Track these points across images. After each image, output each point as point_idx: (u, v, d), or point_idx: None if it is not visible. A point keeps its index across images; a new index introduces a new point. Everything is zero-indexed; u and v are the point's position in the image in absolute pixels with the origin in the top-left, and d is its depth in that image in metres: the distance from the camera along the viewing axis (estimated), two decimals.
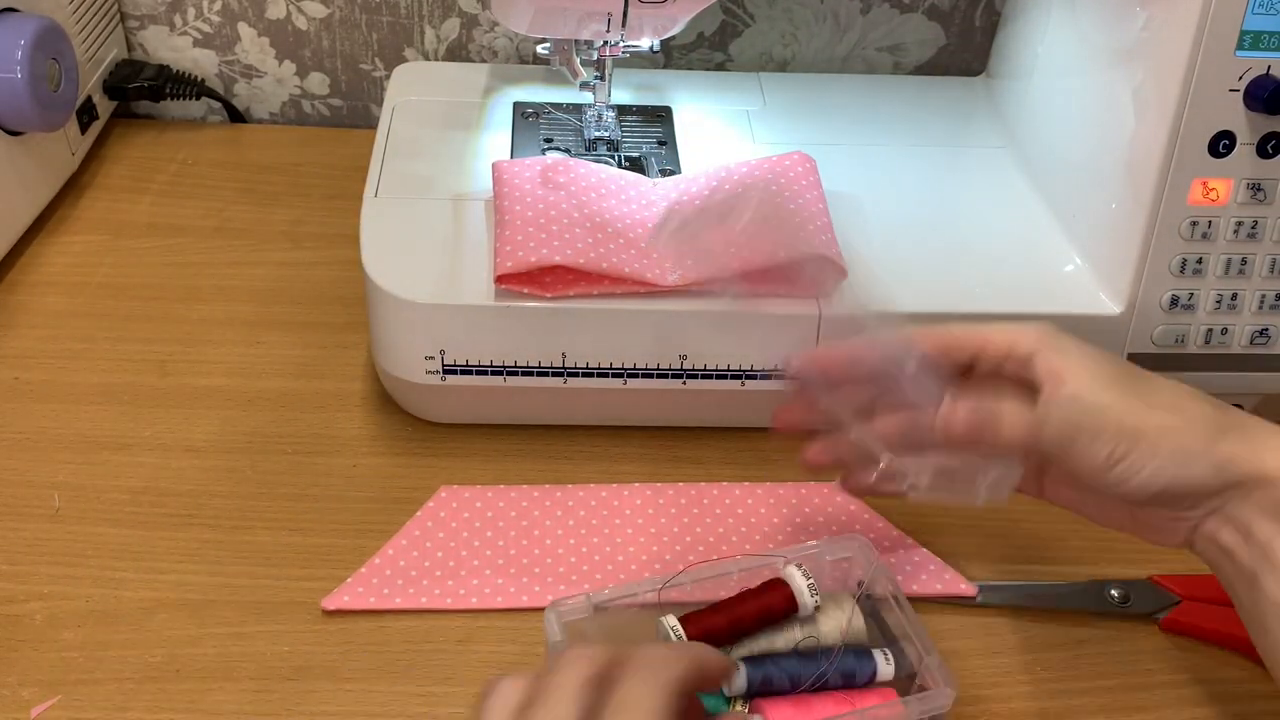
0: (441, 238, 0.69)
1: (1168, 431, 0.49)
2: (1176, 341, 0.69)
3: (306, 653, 0.60)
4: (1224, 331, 0.69)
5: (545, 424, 0.72)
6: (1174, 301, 0.68)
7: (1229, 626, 0.62)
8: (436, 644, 0.61)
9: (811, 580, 0.55)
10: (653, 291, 0.66)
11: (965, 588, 0.64)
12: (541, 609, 0.62)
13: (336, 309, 0.80)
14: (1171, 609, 0.63)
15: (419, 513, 0.66)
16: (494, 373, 0.67)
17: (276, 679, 0.58)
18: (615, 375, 0.68)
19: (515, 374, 0.67)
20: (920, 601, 0.64)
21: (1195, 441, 0.49)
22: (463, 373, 0.67)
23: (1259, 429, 0.50)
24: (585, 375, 0.68)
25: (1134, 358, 0.69)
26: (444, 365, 0.67)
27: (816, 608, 0.56)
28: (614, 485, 0.69)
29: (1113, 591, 0.64)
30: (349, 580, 0.62)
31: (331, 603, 0.61)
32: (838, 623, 0.56)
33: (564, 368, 0.67)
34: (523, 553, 0.65)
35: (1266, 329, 0.69)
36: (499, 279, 0.64)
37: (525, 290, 0.65)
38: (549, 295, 0.65)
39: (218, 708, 0.57)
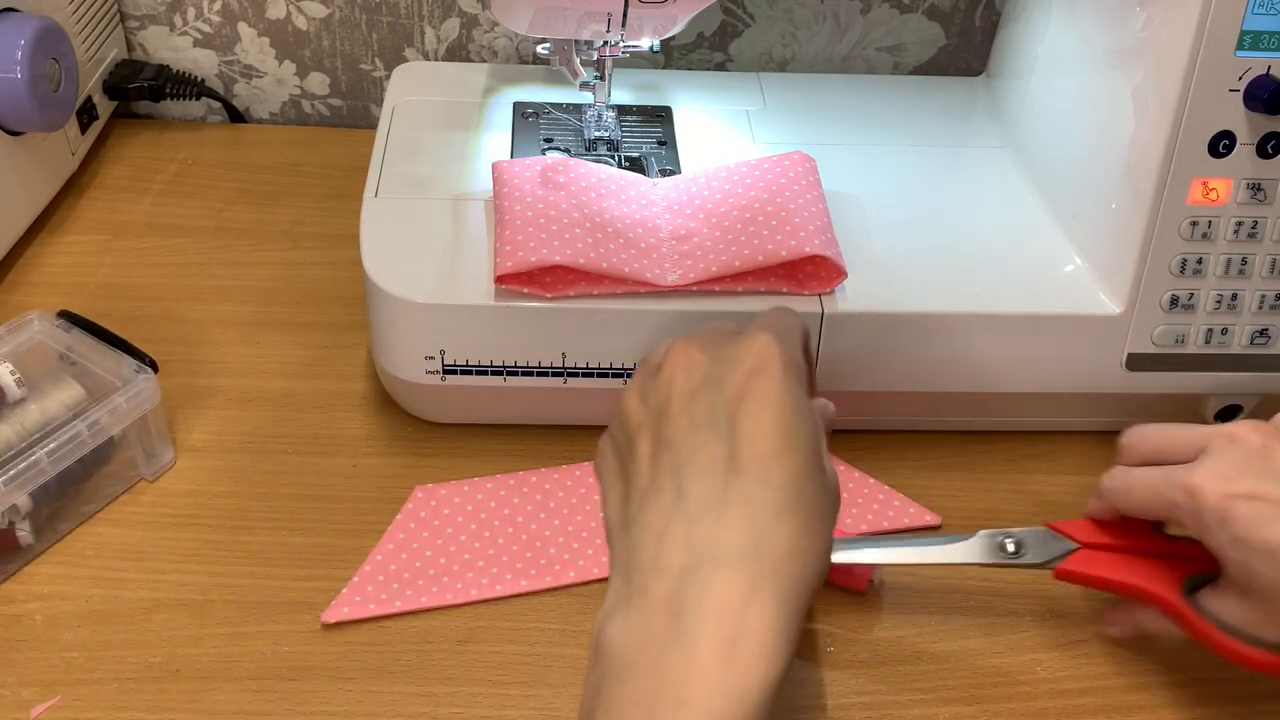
0: (441, 238, 0.69)
1: None
2: (1176, 341, 0.69)
3: (306, 653, 0.60)
4: (1224, 331, 0.69)
5: (545, 424, 0.72)
6: (1174, 301, 0.68)
7: (1125, 575, 0.58)
8: (436, 644, 0.61)
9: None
10: (653, 291, 0.66)
11: (930, 518, 0.68)
12: (542, 592, 0.63)
13: (336, 309, 0.80)
14: (1068, 557, 0.59)
15: (399, 516, 0.66)
16: (494, 373, 0.67)
17: (276, 679, 0.58)
18: (615, 375, 0.68)
19: (515, 374, 0.67)
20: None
21: None
22: (463, 373, 0.67)
23: None
24: (585, 375, 0.68)
25: (1134, 357, 0.69)
26: (444, 365, 0.67)
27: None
28: (586, 464, 0.70)
29: (1007, 542, 0.60)
30: (344, 591, 0.62)
31: (332, 615, 0.61)
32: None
33: (564, 368, 0.67)
34: (511, 540, 0.65)
35: (1266, 329, 0.69)
36: (499, 279, 0.64)
37: (525, 290, 0.65)
38: (549, 295, 0.65)
39: (218, 708, 0.57)
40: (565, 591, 0.63)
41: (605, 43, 0.73)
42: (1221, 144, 0.65)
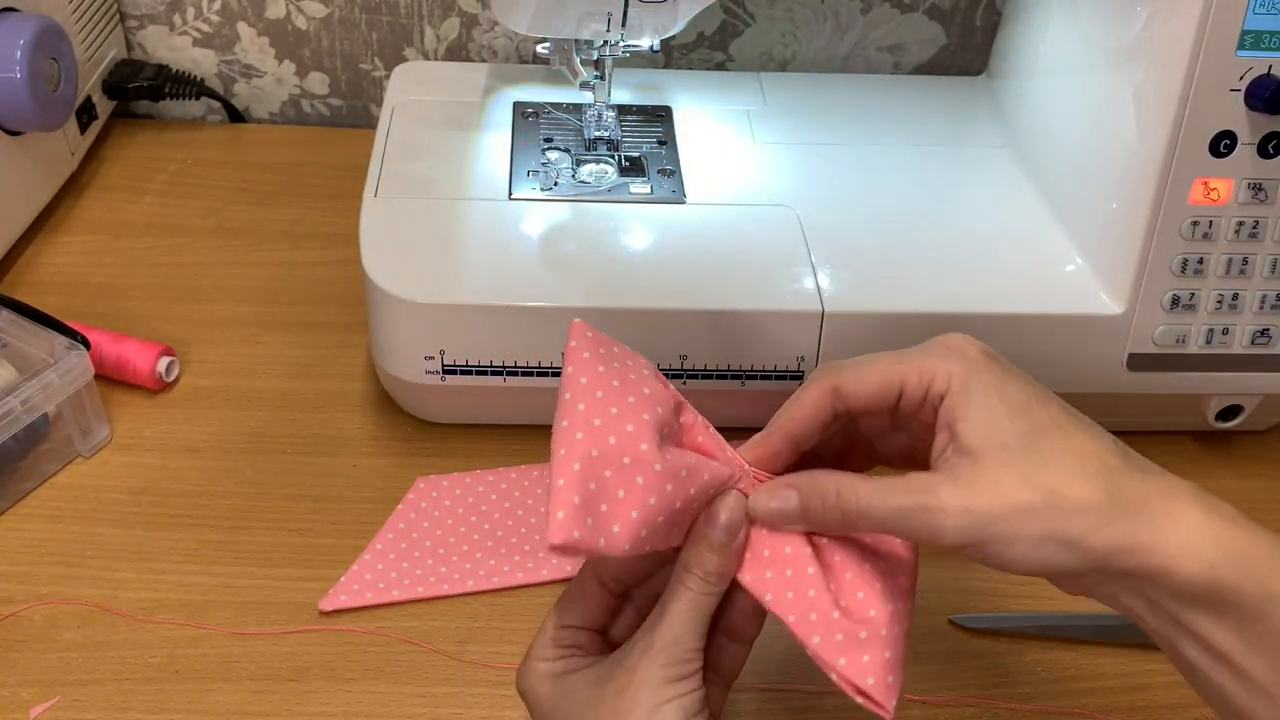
0: (441, 238, 0.69)
1: (1034, 514, 0.42)
2: (1177, 341, 0.69)
3: (306, 653, 0.60)
4: (1225, 331, 0.69)
5: (546, 424, 0.72)
6: (1175, 301, 0.68)
7: None
8: (436, 644, 0.60)
9: None
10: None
11: None
12: (538, 584, 0.63)
13: (336, 309, 0.80)
14: None
15: (400, 506, 0.67)
16: (494, 373, 0.67)
17: (276, 679, 0.58)
18: None
19: (515, 374, 0.67)
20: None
21: (1071, 529, 0.42)
22: (463, 373, 0.67)
23: (1160, 506, 0.43)
24: None
25: (1135, 357, 0.69)
26: (444, 365, 0.67)
27: None
28: None
29: None
30: (342, 580, 0.62)
31: (329, 603, 0.61)
32: None
33: None
34: (510, 532, 0.66)
35: (1267, 329, 0.69)
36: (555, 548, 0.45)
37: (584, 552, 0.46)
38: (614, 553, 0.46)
39: (217, 708, 0.57)
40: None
41: (605, 42, 0.73)
42: (1222, 144, 0.65)
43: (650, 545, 0.46)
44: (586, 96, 0.77)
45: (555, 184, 0.74)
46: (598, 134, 0.77)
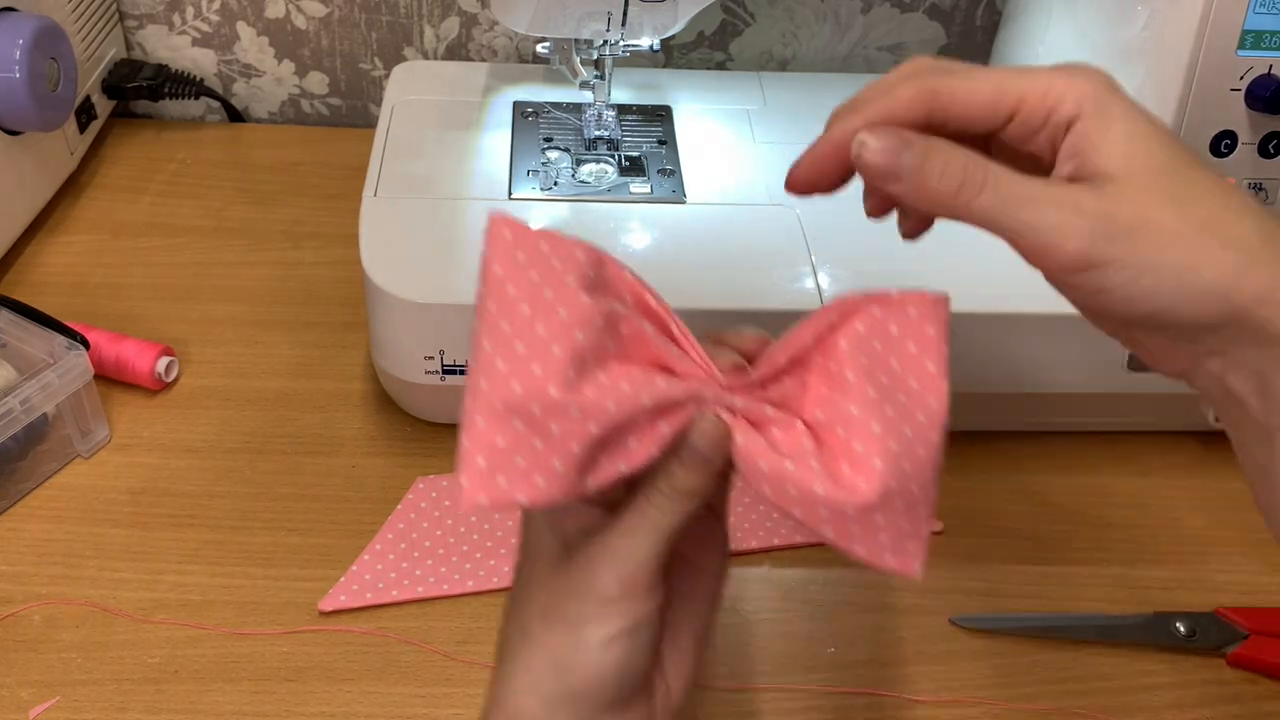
0: (441, 238, 0.69)
1: (1182, 240, 0.37)
2: None
3: (306, 653, 0.60)
4: None
5: None
6: None
7: None
8: (436, 644, 0.60)
9: None
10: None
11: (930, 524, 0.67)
12: None
13: (336, 309, 0.79)
14: (1240, 644, 0.61)
15: (399, 506, 0.66)
16: None
17: (275, 680, 0.58)
18: None
19: None
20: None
21: (1216, 270, 0.37)
22: (462, 373, 0.67)
23: None
24: None
25: (1136, 358, 0.69)
26: (443, 365, 0.67)
27: None
28: None
29: (1179, 625, 0.62)
30: (342, 580, 0.62)
31: (328, 604, 0.61)
32: None
33: None
34: (510, 533, 0.65)
35: None
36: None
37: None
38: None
39: (216, 709, 0.57)
40: None
41: (605, 41, 0.73)
42: (1223, 143, 0.64)
43: (597, 484, 0.39)
44: (586, 96, 0.77)
45: (555, 184, 0.74)
46: (598, 134, 0.77)
